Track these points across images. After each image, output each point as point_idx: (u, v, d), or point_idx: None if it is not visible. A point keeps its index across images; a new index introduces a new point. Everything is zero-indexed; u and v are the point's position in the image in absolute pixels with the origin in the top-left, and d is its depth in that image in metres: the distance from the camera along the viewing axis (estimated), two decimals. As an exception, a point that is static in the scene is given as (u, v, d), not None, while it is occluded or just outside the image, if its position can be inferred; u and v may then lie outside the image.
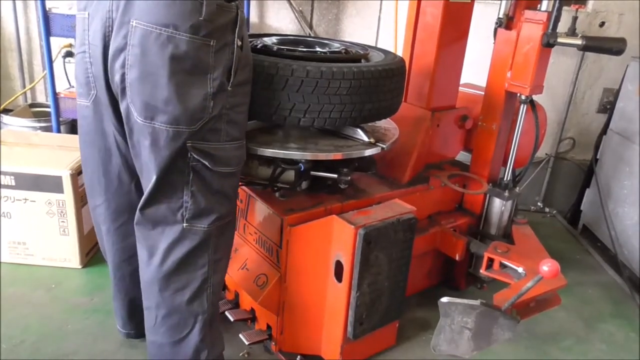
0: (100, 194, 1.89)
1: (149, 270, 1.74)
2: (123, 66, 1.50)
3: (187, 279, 1.72)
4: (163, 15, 1.43)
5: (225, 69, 1.54)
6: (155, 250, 1.70)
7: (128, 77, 1.50)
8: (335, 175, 2.08)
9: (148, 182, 1.61)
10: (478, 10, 2.60)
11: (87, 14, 1.59)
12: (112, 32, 1.51)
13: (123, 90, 1.53)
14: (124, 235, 1.96)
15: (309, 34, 3.68)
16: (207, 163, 1.59)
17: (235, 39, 1.54)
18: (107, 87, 1.61)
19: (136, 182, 1.84)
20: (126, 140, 1.68)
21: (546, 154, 4.01)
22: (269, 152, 1.92)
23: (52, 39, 3.09)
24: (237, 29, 1.54)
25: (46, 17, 3.00)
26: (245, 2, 3.36)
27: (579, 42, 2.28)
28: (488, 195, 2.67)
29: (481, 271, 2.45)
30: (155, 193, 1.62)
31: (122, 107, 1.58)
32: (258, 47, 2.03)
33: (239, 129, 1.66)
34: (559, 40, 2.29)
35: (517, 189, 2.65)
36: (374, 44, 3.62)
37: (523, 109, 2.49)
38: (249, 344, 2.18)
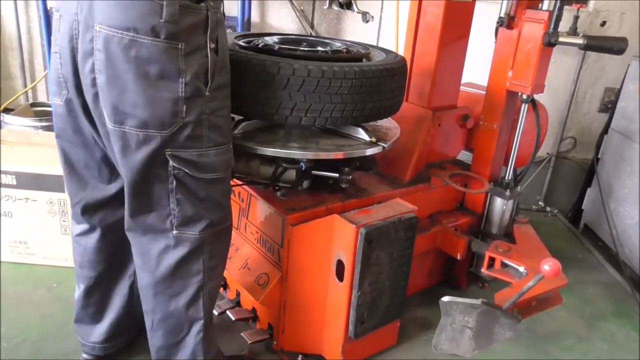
0: (80, 189, 1.86)
1: (144, 275, 1.74)
2: (92, 71, 1.48)
3: (182, 286, 1.72)
4: (123, 18, 1.39)
5: (199, 73, 1.49)
6: (147, 257, 1.70)
7: (98, 82, 1.48)
8: (337, 175, 2.08)
9: (125, 186, 1.60)
10: (479, 10, 2.60)
11: (59, 15, 1.57)
12: (79, 34, 1.48)
13: (95, 95, 1.51)
14: (102, 232, 1.92)
15: (310, 33, 3.68)
16: (188, 171, 1.56)
17: (208, 41, 1.49)
18: (78, 89, 1.59)
19: (115, 178, 1.82)
20: (100, 138, 1.67)
21: (547, 153, 4.01)
22: (270, 151, 1.92)
23: (53, 38, 3.08)
24: (208, 31, 1.49)
25: (47, 17, 3.00)
26: (247, 1, 3.36)
27: (580, 41, 2.28)
28: (489, 195, 2.67)
29: (482, 270, 2.45)
30: (133, 198, 1.60)
31: (96, 112, 1.56)
32: (259, 46, 2.03)
33: (223, 133, 1.62)
34: (560, 39, 2.29)
35: (518, 188, 2.65)
36: (375, 44, 3.62)
37: (524, 108, 2.48)
38: (250, 343, 2.18)
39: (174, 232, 1.64)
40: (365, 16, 2.22)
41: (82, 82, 1.54)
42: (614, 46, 2.28)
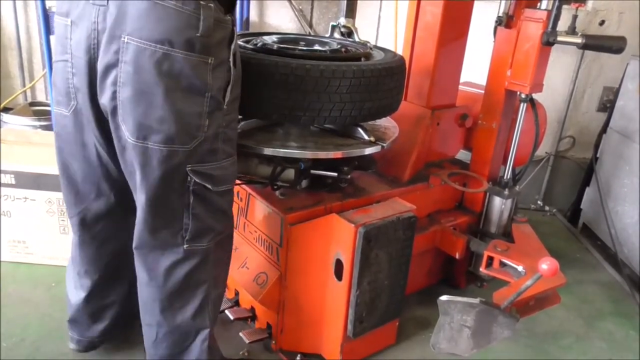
0: (77, 203, 1.82)
1: (149, 291, 1.71)
2: (114, 84, 1.43)
3: (189, 297, 1.71)
4: (157, 30, 1.35)
5: (221, 87, 1.49)
6: (155, 272, 1.67)
7: (120, 96, 1.43)
8: (336, 174, 2.08)
9: (140, 202, 1.56)
10: (478, 9, 2.60)
11: (69, 21, 1.50)
12: (98, 44, 1.43)
13: (114, 108, 1.46)
14: (100, 242, 1.91)
15: (309, 32, 3.67)
16: (208, 185, 1.57)
17: (231, 55, 1.49)
18: (92, 100, 1.54)
19: (115, 192, 1.79)
20: (108, 151, 1.65)
21: (546, 153, 4.01)
22: (269, 150, 1.92)
23: (52, 37, 3.08)
24: (232, 45, 1.49)
25: (46, 16, 2.99)
26: (245, 1, 3.36)
27: (578, 40, 2.28)
28: (488, 194, 2.67)
29: (481, 269, 2.45)
30: (151, 216, 1.57)
31: (112, 125, 1.51)
32: (258, 45, 2.03)
33: (233, 145, 1.64)
34: (559, 38, 2.29)
35: (517, 188, 2.65)
36: (374, 43, 3.62)
37: (523, 107, 2.49)
38: (249, 343, 2.18)
39: (185, 246, 1.62)
40: (366, 45, 2.27)
41: (100, 95, 1.49)
42: (613, 45, 2.28)
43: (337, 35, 2.39)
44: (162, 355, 1.79)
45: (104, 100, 1.48)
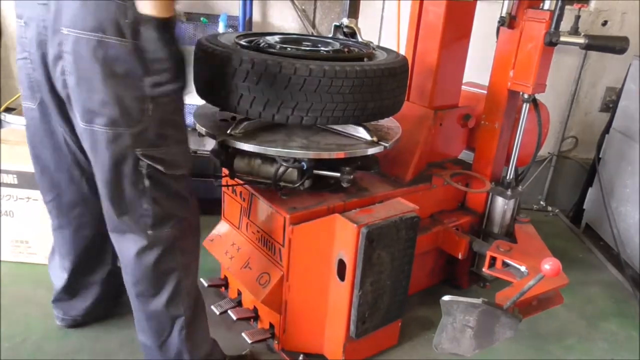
0: (51, 189, 1.95)
1: (125, 276, 1.80)
2: (63, 73, 1.53)
3: (160, 285, 1.76)
4: (90, 20, 1.44)
5: (164, 72, 1.54)
6: (127, 259, 1.75)
7: (68, 84, 1.53)
8: (338, 174, 2.08)
9: (100, 187, 1.66)
10: (480, 9, 2.60)
11: (23, 21, 1.61)
12: (46, 39, 1.53)
13: (67, 96, 1.57)
14: (77, 227, 2.03)
15: (312, 33, 3.67)
16: (161, 168, 1.61)
17: (170, 41, 1.53)
18: (52, 91, 1.65)
19: (87, 179, 1.89)
20: (73, 139, 1.76)
21: (549, 153, 4.01)
22: (271, 150, 1.92)
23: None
24: (172, 31, 1.53)
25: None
26: (248, 1, 3.36)
27: (581, 40, 2.28)
28: (491, 194, 2.67)
29: (484, 270, 2.45)
30: (110, 201, 1.65)
31: (70, 113, 1.63)
32: (261, 45, 2.03)
33: (183, 130, 1.69)
34: (562, 39, 2.29)
35: (519, 188, 2.65)
36: (376, 43, 3.61)
37: (525, 107, 2.48)
38: (251, 343, 2.18)
39: (149, 232, 1.68)
40: (369, 45, 2.27)
41: (55, 85, 1.60)
42: (616, 46, 2.28)
43: (339, 35, 2.39)
44: (146, 343, 1.88)
45: (59, 89, 1.60)
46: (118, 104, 1.50)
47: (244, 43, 2.04)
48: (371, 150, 2.04)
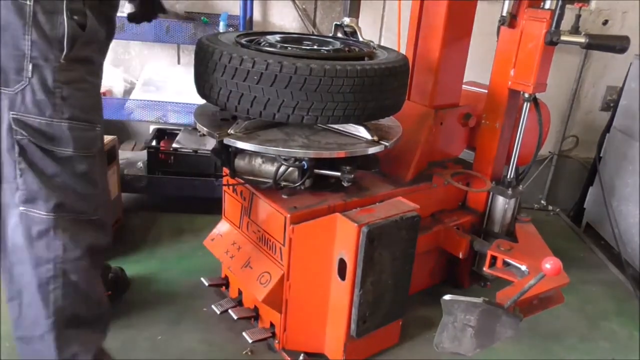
0: None
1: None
2: None
3: (30, 274, 1.58)
4: None
5: (52, 37, 1.47)
6: (4, 231, 1.60)
7: None
8: (339, 174, 2.08)
9: None
10: (481, 9, 2.60)
11: None
12: None
13: None
14: None
15: (313, 32, 3.68)
16: (34, 140, 1.51)
17: (65, 10, 1.47)
18: None
19: None
20: None
21: (549, 152, 4.01)
22: (272, 150, 1.92)
23: None
24: (65, 0, 1.46)
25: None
26: (249, 0, 3.36)
27: (582, 40, 2.28)
28: (491, 194, 2.66)
29: (484, 269, 2.45)
30: None
31: None
32: (261, 45, 2.04)
33: (82, 108, 1.57)
34: (562, 38, 2.29)
35: (520, 187, 2.65)
36: (377, 42, 3.61)
37: (526, 107, 2.48)
38: (252, 342, 2.19)
39: (20, 208, 1.55)
40: (370, 44, 2.27)
41: None
42: (616, 45, 2.28)
43: (340, 34, 2.39)
44: (18, 333, 1.66)
45: None
46: None
47: (244, 42, 2.04)
48: (372, 150, 2.04)
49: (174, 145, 3.30)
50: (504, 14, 2.44)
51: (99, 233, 1.69)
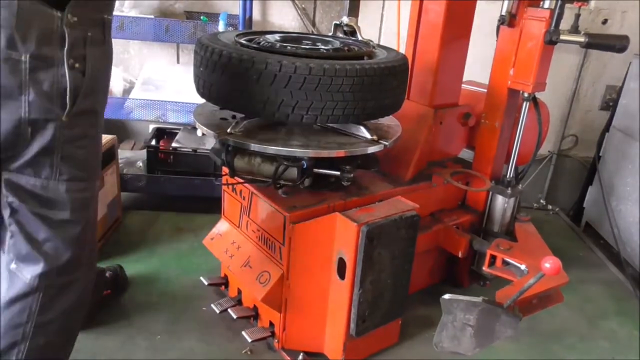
0: None
1: None
2: None
3: (3, 328, 1.43)
4: None
5: (51, 93, 1.26)
6: None
7: None
8: (338, 173, 2.08)
9: None
10: (481, 8, 2.60)
11: None
12: None
13: None
14: None
15: (312, 31, 3.67)
16: (24, 203, 1.35)
17: (64, 57, 1.25)
18: None
19: None
20: None
21: (549, 151, 4.01)
22: (271, 149, 1.92)
23: None
24: (65, 47, 1.25)
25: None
26: (249, 0, 3.36)
27: (581, 39, 2.28)
28: (491, 193, 2.66)
29: (484, 268, 2.45)
30: None
31: None
32: (261, 44, 2.03)
33: (81, 166, 1.40)
34: (562, 37, 2.29)
35: (519, 187, 2.65)
36: (376, 42, 3.62)
37: (526, 106, 2.48)
38: (251, 342, 2.19)
39: (12, 265, 1.41)
40: (369, 44, 2.26)
41: None
42: (616, 44, 2.28)
43: (340, 34, 2.39)
44: None
45: None
46: None
47: (244, 42, 2.04)
48: (371, 149, 2.04)
49: (174, 144, 3.30)
50: (504, 13, 2.44)
51: (78, 293, 1.53)
